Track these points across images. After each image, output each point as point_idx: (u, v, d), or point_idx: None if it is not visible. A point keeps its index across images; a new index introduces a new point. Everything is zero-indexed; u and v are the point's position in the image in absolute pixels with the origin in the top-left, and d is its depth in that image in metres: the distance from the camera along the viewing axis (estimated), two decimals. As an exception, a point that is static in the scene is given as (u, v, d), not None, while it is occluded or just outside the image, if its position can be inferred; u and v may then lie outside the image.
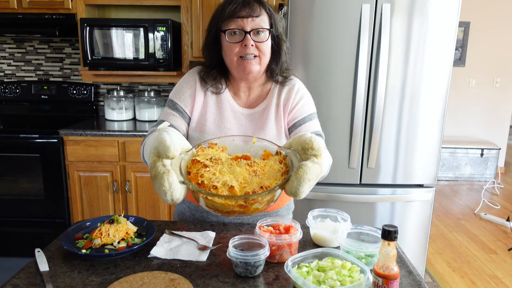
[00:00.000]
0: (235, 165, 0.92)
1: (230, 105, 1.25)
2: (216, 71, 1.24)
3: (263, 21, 1.15)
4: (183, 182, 0.86)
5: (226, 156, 0.97)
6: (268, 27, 1.17)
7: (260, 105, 1.26)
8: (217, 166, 0.91)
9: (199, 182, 0.86)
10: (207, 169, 0.89)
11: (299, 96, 1.27)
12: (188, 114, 1.25)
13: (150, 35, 2.62)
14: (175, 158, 0.89)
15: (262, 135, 1.23)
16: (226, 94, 1.26)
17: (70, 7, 2.70)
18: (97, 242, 1.05)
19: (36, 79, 3.15)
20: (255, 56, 1.16)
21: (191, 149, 0.98)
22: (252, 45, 1.14)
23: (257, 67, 1.17)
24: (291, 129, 1.27)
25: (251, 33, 1.13)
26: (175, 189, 0.86)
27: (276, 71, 1.24)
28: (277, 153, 1.00)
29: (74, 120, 2.89)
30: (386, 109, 2.18)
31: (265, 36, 1.16)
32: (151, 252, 1.05)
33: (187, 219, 1.34)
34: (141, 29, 2.61)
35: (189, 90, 1.25)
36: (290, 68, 1.30)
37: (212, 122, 1.24)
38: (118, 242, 1.07)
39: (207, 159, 0.93)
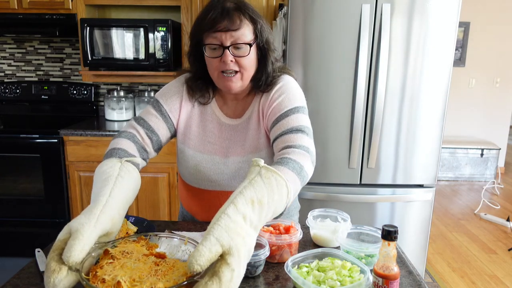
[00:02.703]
0: (142, 261, 0.84)
1: (216, 117, 1.20)
2: (202, 81, 1.18)
3: (243, 34, 1.06)
4: (76, 270, 0.78)
5: (142, 250, 0.89)
6: (250, 40, 1.07)
7: (245, 114, 1.19)
8: (122, 260, 0.84)
9: (94, 273, 0.80)
10: (110, 261, 0.83)
11: (278, 94, 1.14)
12: (172, 120, 1.19)
13: (150, 35, 2.62)
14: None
15: (243, 148, 1.18)
16: (213, 104, 1.21)
17: (70, 7, 2.70)
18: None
19: (36, 79, 3.15)
20: (236, 72, 1.08)
21: (113, 241, 0.89)
22: (231, 60, 1.06)
23: (239, 83, 1.10)
24: (270, 131, 1.13)
25: (231, 48, 1.05)
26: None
27: (262, 81, 1.15)
28: None
29: (74, 120, 2.89)
30: (386, 109, 2.18)
31: (246, 50, 1.07)
32: (151, 252, 1.04)
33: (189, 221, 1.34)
34: (141, 29, 2.61)
35: (177, 97, 1.19)
36: (283, 71, 1.21)
37: (196, 136, 1.20)
38: (118, 242, 1.07)
39: (119, 251, 0.86)
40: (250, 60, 1.09)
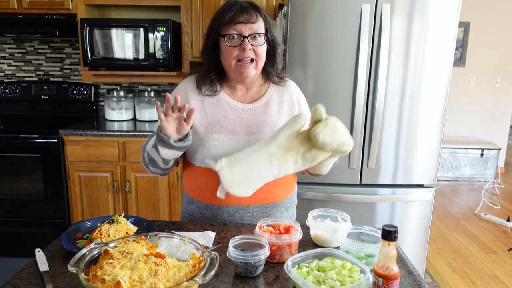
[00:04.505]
0: (142, 261, 0.85)
1: (228, 103, 1.29)
2: (214, 73, 1.30)
3: (259, 26, 1.23)
4: (75, 270, 0.80)
5: (142, 250, 0.90)
6: (264, 32, 1.24)
7: (259, 101, 1.31)
8: (122, 260, 0.85)
9: (94, 273, 0.81)
10: (110, 261, 0.84)
11: (302, 98, 1.39)
12: None
13: (150, 35, 2.62)
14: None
15: (263, 130, 1.27)
16: (222, 94, 1.31)
17: (70, 7, 2.70)
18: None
19: (36, 79, 3.15)
20: (252, 60, 1.22)
21: (113, 241, 0.93)
22: (250, 49, 1.20)
23: (253, 71, 1.24)
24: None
25: (249, 37, 1.20)
26: None
27: (272, 73, 1.33)
28: (201, 256, 0.90)
29: (74, 120, 2.89)
30: (386, 109, 2.18)
31: (262, 40, 1.23)
32: (151, 252, 1.04)
33: (196, 220, 1.34)
34: (141, 29, 2.61)
35: (180, 98, 1.27)
36: (284, 70, 1.39)
37: (213, 122, 1.27)
38: (118, 242, 1.07)
39: (119, 252, 0.87)
40: (263, 50, 1.25)
